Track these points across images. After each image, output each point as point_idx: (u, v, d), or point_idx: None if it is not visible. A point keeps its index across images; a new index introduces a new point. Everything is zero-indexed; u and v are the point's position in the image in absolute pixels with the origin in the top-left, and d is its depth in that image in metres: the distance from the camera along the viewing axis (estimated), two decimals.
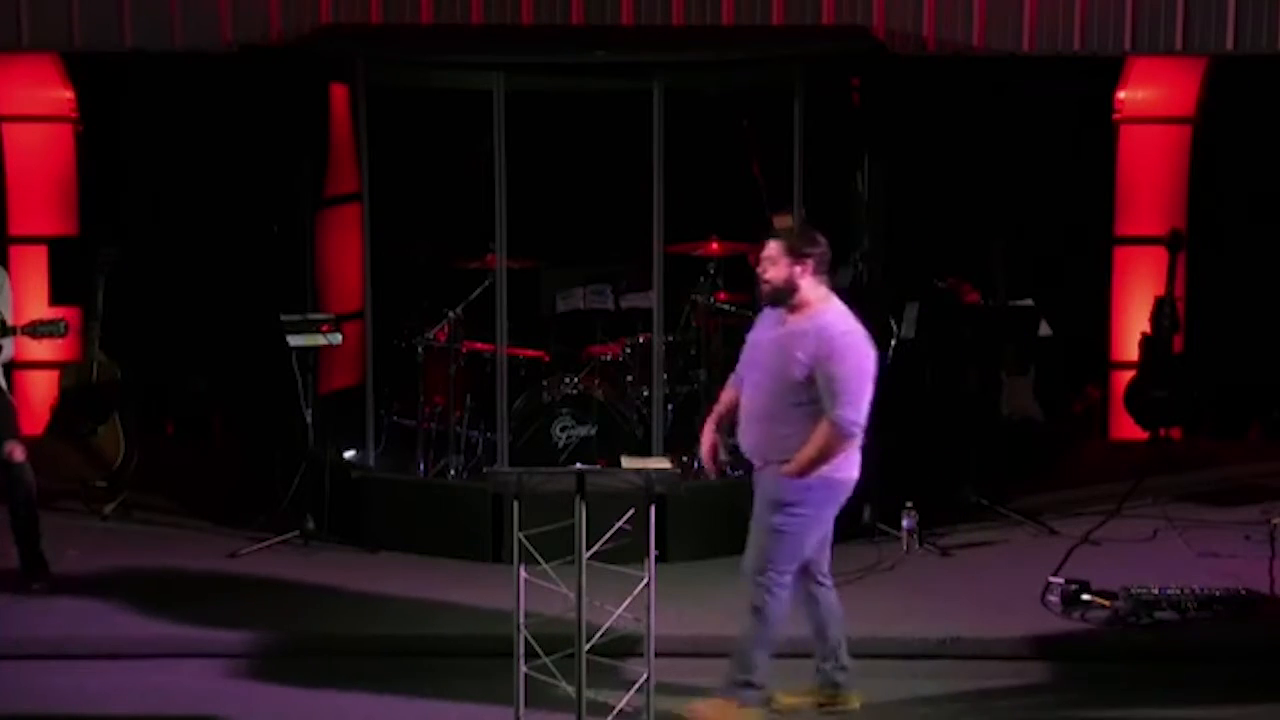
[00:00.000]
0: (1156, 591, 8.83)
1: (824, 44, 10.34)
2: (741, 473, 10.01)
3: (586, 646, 7.12)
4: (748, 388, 7.65)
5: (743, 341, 10.30)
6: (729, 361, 10.18)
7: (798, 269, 7.49)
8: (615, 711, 7.35)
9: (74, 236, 11.42)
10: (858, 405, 7.44)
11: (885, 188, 10.14)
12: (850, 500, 9.88)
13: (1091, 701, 8.16)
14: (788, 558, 7.57)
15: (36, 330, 9.03)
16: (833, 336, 7.45)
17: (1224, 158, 11.54)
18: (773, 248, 7.55)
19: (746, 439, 7.64)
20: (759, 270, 7.60)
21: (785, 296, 7.54)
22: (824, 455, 7.44)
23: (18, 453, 9.05)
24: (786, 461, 7.45)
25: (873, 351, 7.56)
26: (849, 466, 7.57)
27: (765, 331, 7.65)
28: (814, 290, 7.54)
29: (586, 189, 10.86)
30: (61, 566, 9.29)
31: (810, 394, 7.42)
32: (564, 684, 7.23)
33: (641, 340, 10.14)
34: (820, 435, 7.43)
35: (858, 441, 7.53)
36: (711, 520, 9.74)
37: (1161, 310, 11.30)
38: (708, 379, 10.09)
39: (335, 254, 10.40)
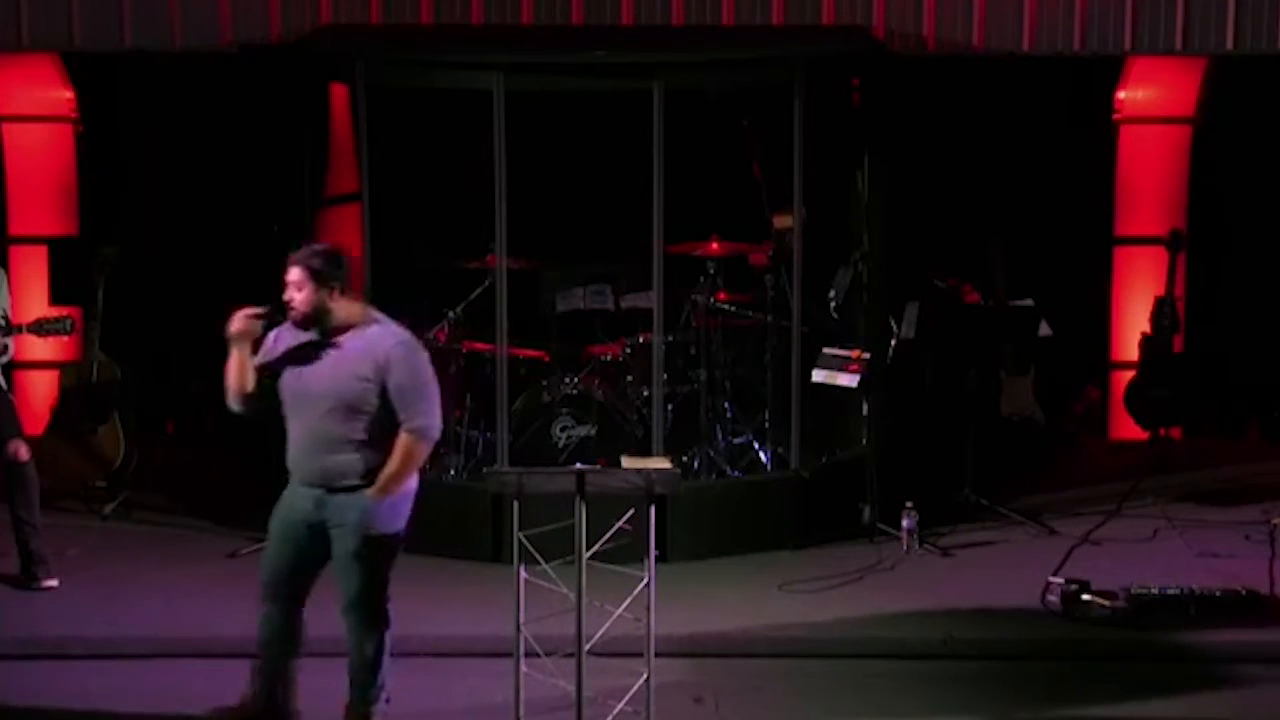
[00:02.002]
0: (1156, 591, 8.84)
1: (824, 44, 10.34)
2: (739, 473, 10.09)
3: (586, 646, 7.12)
4: (299, 419, 7.35)
5: (743, 341, 10.42)
6: (729, 362, 10.27)
7: (325, 293, 7.30)
8: (615, 711, 7.35)
9: (74, 236, 11.41)
10: (433, 410, 7.35)
11: (885, 188, 10.15)
12: (850, 500, 9.98)
13: (1091, 701, 8.16)
14: (388, 582, 7.55)
15: (43, 327, 9.04)
16: (390, 348, 7.32)
17: (1224, 158, 11.54)
18: (296, 274, 7.29)
19: (309, 468, 7.36)
20: (285, 297, 7.31)
21: (320, 321, 7.34)
22: (411, 468, 7.35)
23: (23, 451, 9.08)
24: (362, 486, 7.30)
25: (425, 353, 7.47)
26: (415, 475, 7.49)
27: (305, 358, 7.37)
28: (349, 309, 7.38)
29: (586, 189, 10.86)
30: (62, 566, 9.29)
31: (377, 412, 7.28)
32: (564, 684, 7.23)
33: (641, 340, 10.15)
34: (404, 449, 7.30)
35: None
36: (711, 520, 9.75)
37: (1161, 310, 11.31)
38: (708, 379, 10.10)
39: None
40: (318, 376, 7.33)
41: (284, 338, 7.47)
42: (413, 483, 7.44)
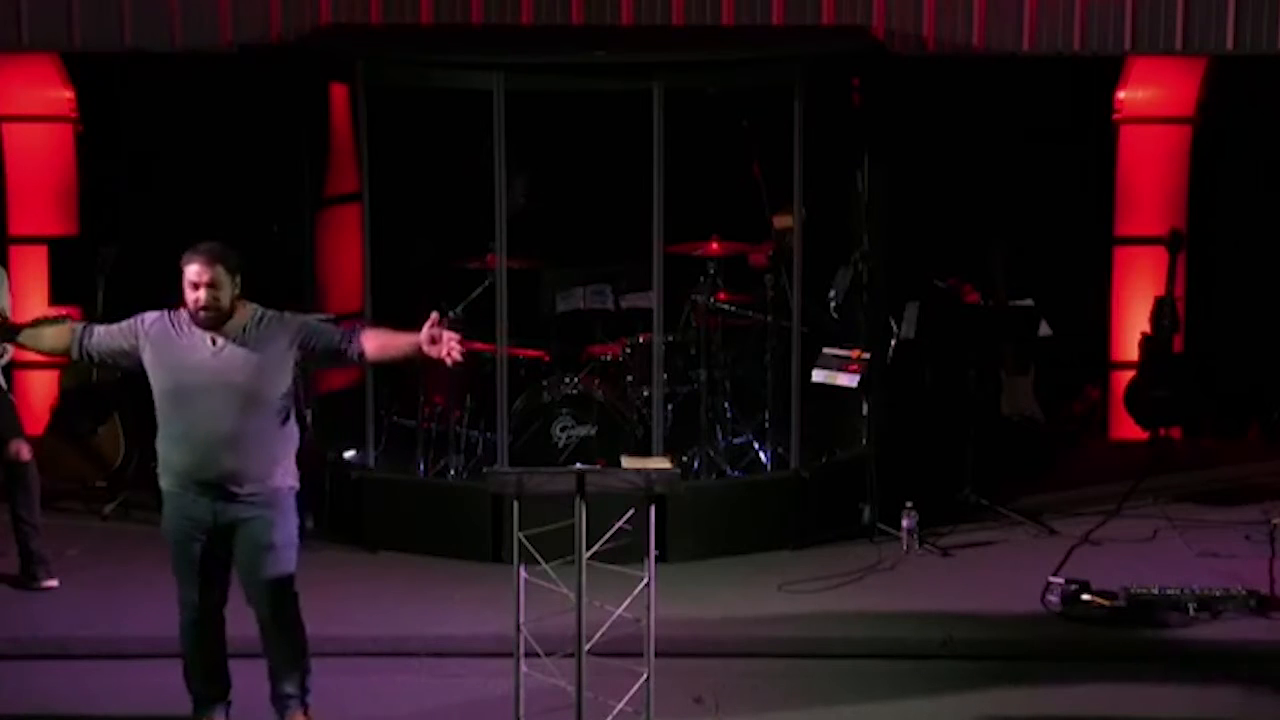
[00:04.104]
0: (1156, 591, 8.84)
1: (824, 44, 10.35)
2: (739, 473, 10.09)
3: (586, 646, 7.12)
4: (199, 416, 7.21)
5: (743, 341, 10.42)
6: (729, 362, 10.26)
7: (235, 290, 7.27)
8: (615, 711, 7.35)
9: (74, 236, 11.40)
10: None
11: (885, 188, 10.15)
12: (850, 500, 9.99)
13: (1091, 701, 8.16)
14: None
15: (39, 327, 9.03)
16: (294, 317, 7.45)
17: (1224, 158, 11.54)
18: (215, 272, 7.19)
19: (226, 466, 7.22)
20: (199, 298, 7.19)
21: (227, 318, 7.27)
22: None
23: (24, 452, 9.09)
24: (265, 486, 7.29)
25: None
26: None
27: (194, 353, 7.25)
28: (239, 302, 7.34)
29: (586, 189, 10.86)
30: (62, 566, 9.30)
31: (279, 401, 7.30)
32: (564, 684, 7.23)
33: (641, 340, 10.15)
34: (372, 330, 7.50)
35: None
36: (711, 520, 9.75)
37: (1161, 310, 11.30)
38: (708, 379, 10.10)
39: (335, 254, 10.41)
40: (218, 375, 7.22)
41: (169, 330, 7.34)
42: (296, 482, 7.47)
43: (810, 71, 9.66)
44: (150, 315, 7.43)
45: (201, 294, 7.23)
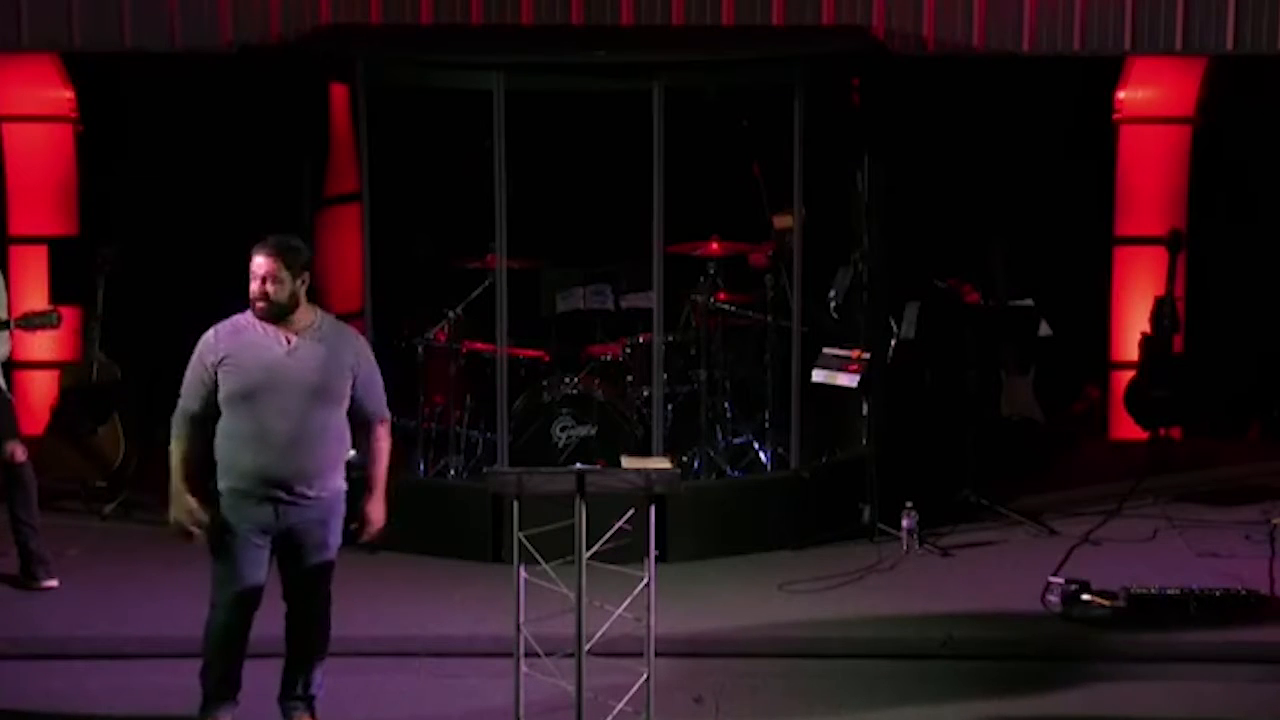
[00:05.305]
0: (1156, 591, 8.84)
1: (824, 44, 10.35)
2: (739, 473, 10.09)
3: (586, 647, 7.12)
4: (271, 415, 7.22)
5: (743, 341, 10.42)
6: (729, 362, 10.26)
7: (298, 283, 7.29)
8: (615, 711, 7.35)
9: (74, 236, 11.41)
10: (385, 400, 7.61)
11: (885, 188, 10.15)
12: (850, 500, 9.99)
13: (1091, 701, 8.16)
14: None
15: (30, 322, 9.04)
16: (358, 337, 7.52)
17: (1224, 158, 11.54)
18: (270, 264, 7.23)
19: (288, 467, 7.25)
20: (255, 289, 7.24)
21: (287, 313, 7.29)
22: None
23: (19, 453, 9.07)
24: (328, 490, 7.37)
25: None
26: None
27: (268, 351, 7.27)
28: (306, 301, 7.37)
29: (586, 189, 10.86)
30: (62, 566, 9.30)
31: (343, 402, 7.36)
32: (564, 684, 7.24)
33: (641, 340, 10.15)
34: (387, 443, 7.57)
35: None
36: (711, 520, 9.75)
37: (1161, 310, 11.30)
38: (708, 379, 10.10)
39: (335, 254, 10.40)
40: (291, 373, 7.26)
41: (240, 331, 7.37)
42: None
43: (810, 71, 9.66)
44: (205, 339, 7.42)
45: (257, 286, 7.28)
